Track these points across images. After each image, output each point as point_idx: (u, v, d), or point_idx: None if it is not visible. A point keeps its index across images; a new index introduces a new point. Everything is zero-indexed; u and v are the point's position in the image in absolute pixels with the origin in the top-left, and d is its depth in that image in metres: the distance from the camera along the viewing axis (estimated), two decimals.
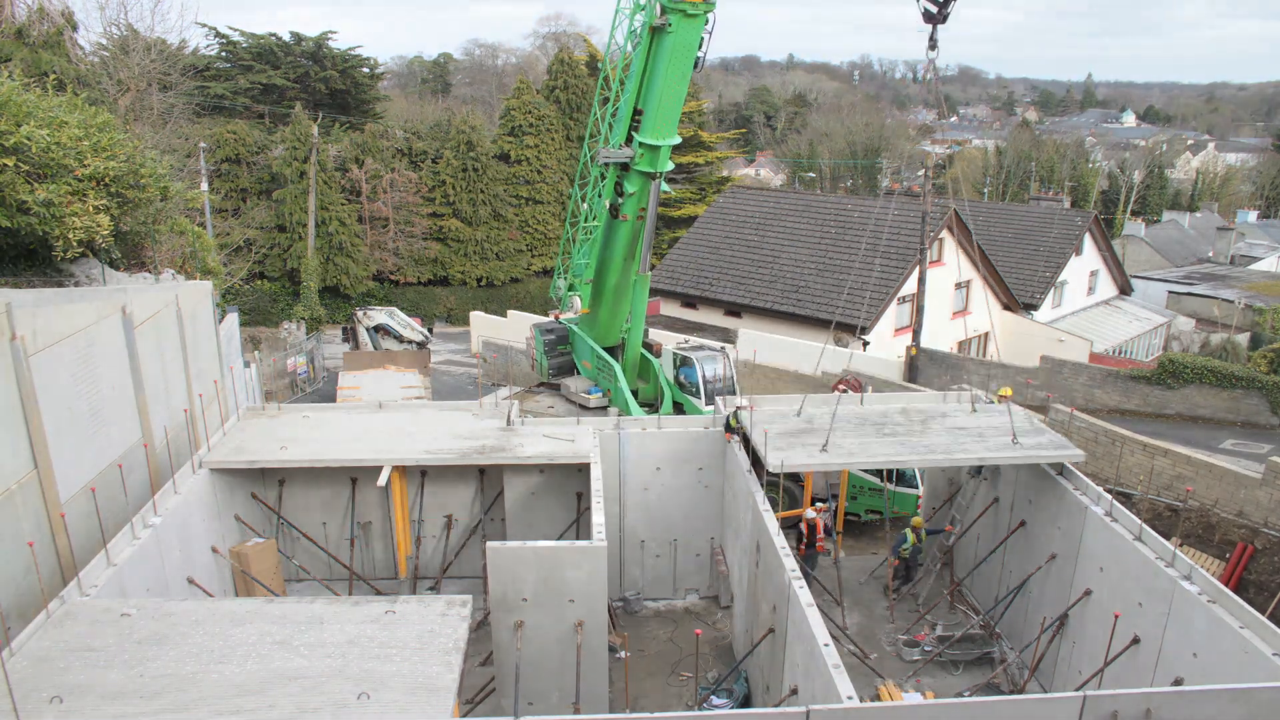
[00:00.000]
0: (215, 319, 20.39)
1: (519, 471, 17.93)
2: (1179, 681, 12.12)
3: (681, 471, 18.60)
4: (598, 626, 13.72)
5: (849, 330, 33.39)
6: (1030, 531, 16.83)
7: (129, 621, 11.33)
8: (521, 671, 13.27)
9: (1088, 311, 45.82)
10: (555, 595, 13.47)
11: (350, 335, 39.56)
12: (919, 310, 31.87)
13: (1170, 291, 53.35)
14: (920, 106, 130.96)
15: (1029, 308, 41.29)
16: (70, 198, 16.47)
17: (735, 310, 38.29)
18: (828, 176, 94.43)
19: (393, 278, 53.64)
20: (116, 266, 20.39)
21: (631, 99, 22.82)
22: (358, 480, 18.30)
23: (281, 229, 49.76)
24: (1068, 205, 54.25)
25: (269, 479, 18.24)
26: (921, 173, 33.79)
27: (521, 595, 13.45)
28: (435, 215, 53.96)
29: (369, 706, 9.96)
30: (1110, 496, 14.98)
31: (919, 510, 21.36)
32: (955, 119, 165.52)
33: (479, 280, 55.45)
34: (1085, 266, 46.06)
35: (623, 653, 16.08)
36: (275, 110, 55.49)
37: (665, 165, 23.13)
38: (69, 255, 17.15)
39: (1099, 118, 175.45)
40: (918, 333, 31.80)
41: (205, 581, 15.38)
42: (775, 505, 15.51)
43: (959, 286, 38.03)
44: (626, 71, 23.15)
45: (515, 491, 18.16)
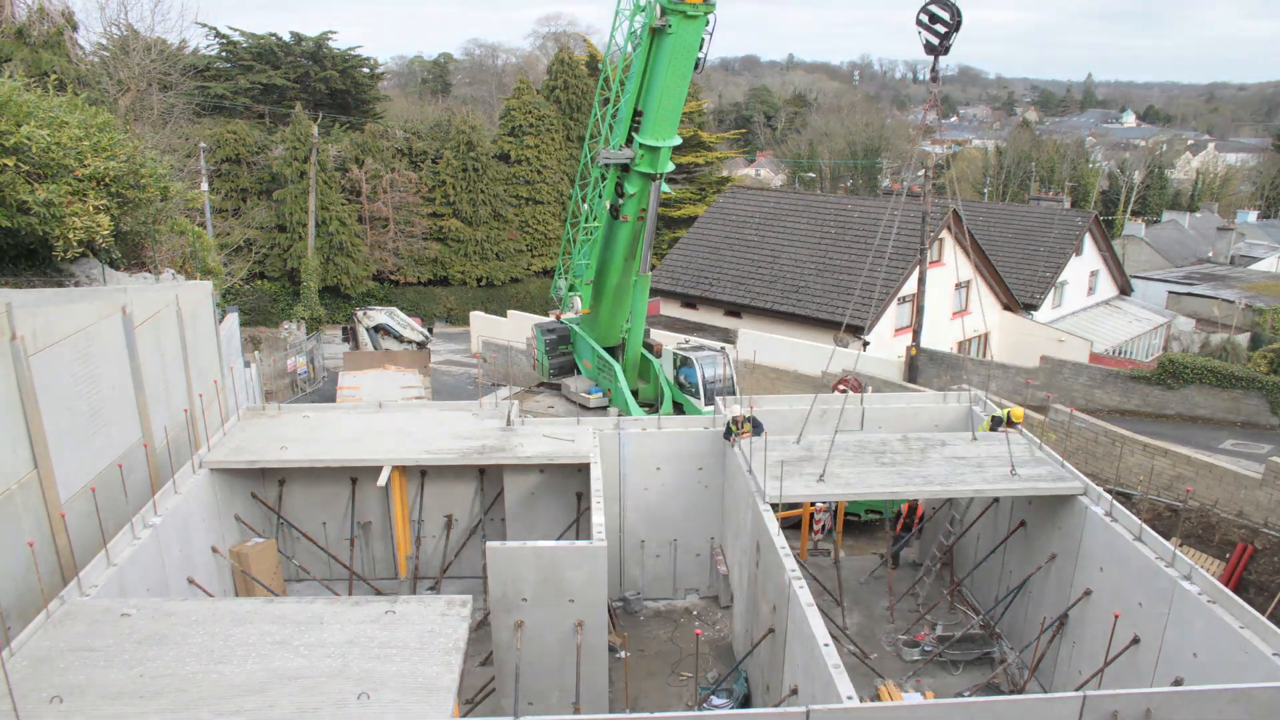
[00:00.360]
0: (215, 319, 20.41)
1: (519, 471, 17.93)
2: (1179, 681, 12.12)
3: (681, 471, 18.60)
4: (598, 626, 13.73)
5: (851, 330, 33.40)
6: (1030, 531, 16.84)
7: (129, 621, 11.34)
8: (521, 671, 13.27)
9: (1088, 312, 45.78)
10: (555, 595, 13.47)
11: (350, 335, 39.59)
12: (919, 310, 31.87)
13: (1170, 292, 53.29)
14: (920, 108, 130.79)
15: (1029, 308, 41.27)
16: (70, 198, 16.46)
17: (735, 310, 38.27)
18: (828, 176, 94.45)
19: (393, 278, 53.65)
20: (116, 266, 20.38)
21: (632, 100, 22.80)
22: (358, 480, 18.30)
23: (281, 229, 49.77)
24: (1068, 205, 54.22)
25: (269, 479, 18.24)
26: (921, 173, 33.75)
27: (521, 595, 13.45)
28: (435, 215, 53.97)
29: (369, 706, 9.97)
30: (1110, 496, 14.99)
31: (919, 510, 21.35)
32: (955, 119, 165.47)
33: (479, 280, 55.46)
34: (1085, 267, 46.02)
35: (623, 653, 16.10)
36: (275, 110, 55.48)
37: (666, 166, 23.12)
38: (69, 255, 17.14)
39: (1099, 118, 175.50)
40: (918, 333, 31.80)
41: (205, 581, 15.38)
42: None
43: (959, 287, 38.00)
44: (626, 72, 23.13)
45: (515, 491, 18.16)
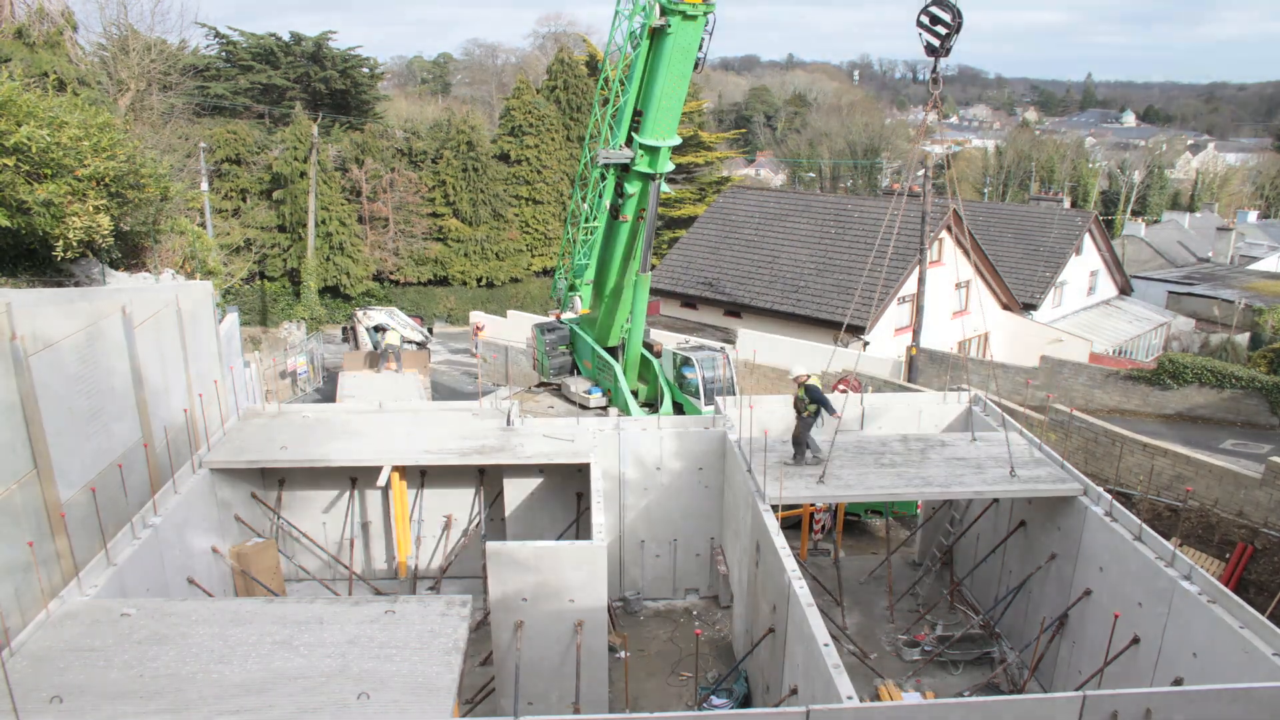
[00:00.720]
0: (215, 319, 20.37)
1: (519, 471, 17.92)
2: (1179, 681, 12.12)
3: (681, 471, 18.59)
4: (598, 626, 13.71)
5: (851, 330, 33.42)
6: (1030, 531, 16.84)
7: (129, 621, 11.34)
8: (521, 671, 13.25)
9: (1088, 311, 45.80)
10: (555, 595, 13.45)
11: (350, 335, 39.59)
12: (919, 310, 31.87)
13: (1170, 292, 53.23)
14: (920, 108, 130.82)
15: (1029, 308, 41.28)
16: (70, 198, 16.46)
17: (735, 310, 38.29)
18: (827, 176, 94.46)
19: (393, 278, 53.64)
20: (116, 266, 20.37)
21: (631, 100, 22.81)
22: (358, 480, 18.30)
23: (281, 229, 49.77)
24: (1067, 205, 54.19)
25: (269, 479, 18.23)
26: (921, 173, 33.74)
27: (521, 595, 13.44)
28: (435, 215, 53.96)
29: (369, 706, 9.97)
30: (1110, 496, 14.99)
31: (919, 510, 21.36)
32: (955, 119, 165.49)
33: (479, 280, 55.45)
34: (1085, 266, 46.03)
35: (623, 653, 16.10)
36: (275, 110, 55.47)
37: (665, 166, 23.14)
38: (69, 255, 17.13)
39: (1099, 118, 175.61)
40: (918, 333, 31.81)
41: (205, 581, 15.38)
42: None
43: (959, 286, 38.01)
44: (626, 72, 23.14)
45: (515, 491, 18.15)
